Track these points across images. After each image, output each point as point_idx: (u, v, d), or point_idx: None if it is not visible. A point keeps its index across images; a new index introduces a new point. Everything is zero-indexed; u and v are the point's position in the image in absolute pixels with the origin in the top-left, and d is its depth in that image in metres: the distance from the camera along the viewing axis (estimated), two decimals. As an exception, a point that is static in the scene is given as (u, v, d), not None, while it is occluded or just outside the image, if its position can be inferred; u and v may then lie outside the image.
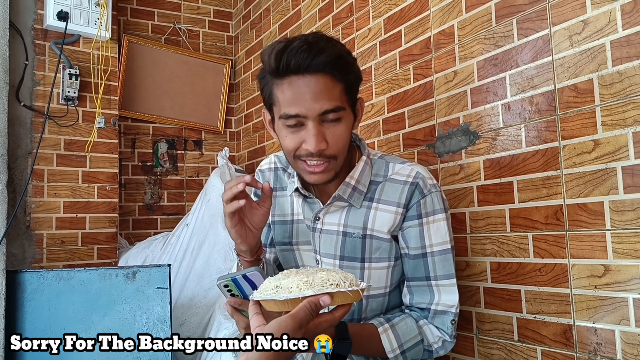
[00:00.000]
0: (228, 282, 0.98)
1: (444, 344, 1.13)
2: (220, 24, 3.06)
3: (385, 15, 1.77)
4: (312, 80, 0.99)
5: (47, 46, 2.33)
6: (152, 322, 1.76)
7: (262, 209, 1.04)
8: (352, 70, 1.07)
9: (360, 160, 1.16)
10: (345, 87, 1.04)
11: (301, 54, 0.98)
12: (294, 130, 1.04)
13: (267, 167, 1.30)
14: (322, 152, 1.03)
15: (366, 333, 1.08)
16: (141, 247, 2.50)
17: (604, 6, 1.11)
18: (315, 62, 0.98)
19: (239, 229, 1.02)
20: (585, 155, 1.14)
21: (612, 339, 1.09)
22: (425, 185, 1.13)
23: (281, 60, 0.99)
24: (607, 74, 1.10)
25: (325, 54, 0.99)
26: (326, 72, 1.00)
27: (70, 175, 2.35)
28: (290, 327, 0.77)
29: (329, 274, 0.84)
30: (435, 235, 1.13)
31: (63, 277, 1.79)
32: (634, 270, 1.05)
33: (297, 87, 1.00)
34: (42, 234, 2.26)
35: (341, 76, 1.03)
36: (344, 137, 1.06)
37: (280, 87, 1.02)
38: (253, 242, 1.06)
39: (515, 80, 1.31)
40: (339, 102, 1.03)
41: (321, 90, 1.00)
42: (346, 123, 1.06)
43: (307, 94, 1.00)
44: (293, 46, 0.99)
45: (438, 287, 1.14)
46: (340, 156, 1.07)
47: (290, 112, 1.01)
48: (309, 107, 1.00)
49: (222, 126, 2.98)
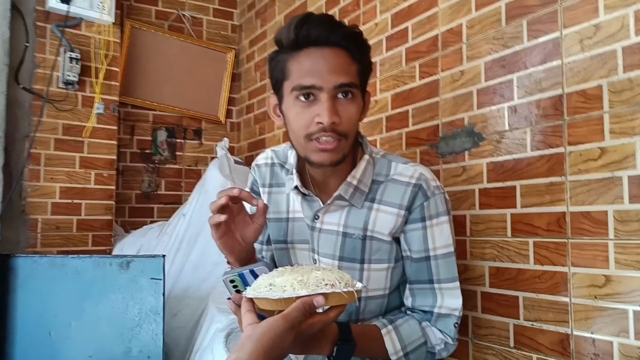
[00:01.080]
0: (235, 277, 0.96)
1: (446, 346, 1.12)
2: (224, 12, 3.02)
3: (393, 11, 1.74)
4: (330, 53, 1.01)
5: (49, 29, 2.30)
6: (144, 312, 1.74)
7: (255, 225, 1.01)
8: (368, 54, 1.09)
9: (362, 159, 1.13)
10: (359, 70, 1.05)
11: (322, 26, 1.01)
12: (306, 105, 1.02)
13: (263, 162, 1.27)
14: (335, 128, 1.01)
15: (369, 334, 1.06)
16: (136, 235, 2.48)
17: (617, 11, 1.09)
18: (334, 35, 1.01)
19: (226, 241, 1.00)
20: (591, 162, 1.12)
21: (610, 350, 1.07)
22: (429, 187, 1.11)
23: (301, 30, 1.00)
24: (617, 81, 1.08)
25: (345, 30, 1.03)
26: (344, 47, 1.02)
27: (68, 160, 2.33)
28: (282, 327, 0.76)
29: (324, 273, 0.82)
30: (439, 239, 1.11)
31: (57, 263, 1.77)
32: (636, 282, 1.03)
33: (314, 58, 1.01)
34: (37, 219, 2.24)
35: (358, 56, 1.05)
36: (354, 117, 1.05)
37: (297, 59, 1.02)
38: (242, 256, 1.03)
39: (523, 82, 1.28)
40: (354, 79, 1.03)
41: (339, 63, 1.01)
42: (357, 104, 1.06)
43: (324, 65, 1.00)
44: (313, 18, 1.02)
45: (441, 290, 1.12)
46: (350, 137, 1.05)
47: (306, 82, 1.01)
48: (325, 79, 1.00)
49: (223, 116, 2.95)
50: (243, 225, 1.02)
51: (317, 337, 0.93)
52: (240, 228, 1.02)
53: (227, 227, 1.00)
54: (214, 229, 0.98)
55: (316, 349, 0.94)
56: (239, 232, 1.02)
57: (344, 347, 0.95)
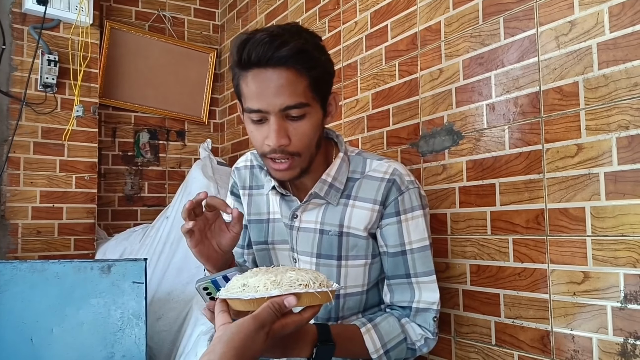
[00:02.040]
0: (208, 285, 0.95)
1: (426, 341, 1.12)
2: (206, 12, 3.00)
3: (372, 9, 1.74)
4: (275, 74, 0.97)
5: (26, 30, 2.27)
6: (126, 317, 1.73)
7: (231, 233, 1.01)
8: (319, 64, 1.02)
9: (337, 157, 1.14)
10: (310, 83, 1.00)
11: (262, 47, 0.95)
12: (258, 125, 1.02)
13: (243, 164, 1.27)
14: (285, 149, 1.00)
15: (349, 334, 1.06)
16: (120, 238, 2.45)
17: (591, 7, 1.09)
18: (276, 55, 0.95)
19: (201, 249, 0.99)
20: (568, 159, 1.12)
21: (589, 346, 1.07)
22: (403, 182, 1.11)
23: (243, 52, 0.97)
24: (592, 77, 1.08)
25: (288, 47, 0.95)
26: (289, 65, 0.97)
27: (48, 164, 2.30)
28: (251, 327, 0.75)
29: (298, 273, 0.82)
30: (414, 232, 1.12)
31: (37, 268, 1.75)
32: (614, 278, 1.03)
33: (259, 80, 0.98)
34: (17, 224, 2.21)
35: (306, 70, 0.99)
36: (308, 134, 1.02)
37: (245, 80, 1.00)
38: (219, 264, 1.02)
39: (500, 80, 1.28)
40: (302, 98, 0.99)
41: (283, 84, 0.97)
42: (312, 119, 1.03)
43: (268, 88, 0.97)
44: (256, 38, 0.97)
45: (419, 284, 1.12)
46: (305, 153, 1.04)
47: (253, 106, 0.99)
48: (270, 102, 0.98)
49: (206, 117, 2.92)
50: (219, 233, 1.01)
51: (295, 338, 0.92)
52: (217, 236, 1.01)
53: (202, 235, 0.99)
54: (187, 237, 0.97)
55: (295, 351, 0.93)
56: (215, 240, 1.01)
57: (324, 348, 0.95)
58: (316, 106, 1.04)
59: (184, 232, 0.96)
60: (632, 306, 1.00)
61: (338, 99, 1.13)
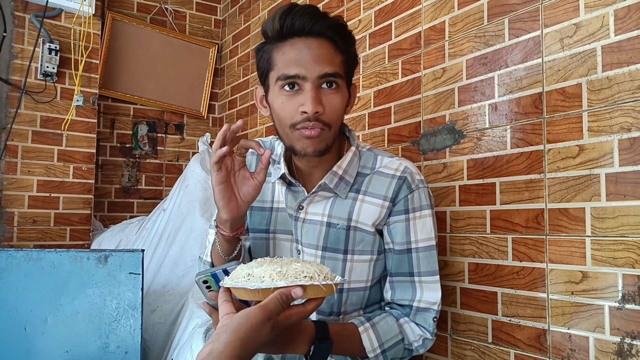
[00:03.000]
0: (207, 278, 0.94)
1: (424, 342, 1.12)
2: (208, 7, 3.00)
3: (377, 7, 1.75)
4: (315, 43, 1.01)
5: (27, 19, 2.26)
6: (122, 307, 1.72)
7: (254, 181, 1.00)
8: (353, 45, 1.09)
9: (349, 150, 1.14)
10: (344, 60, 1.06)
11: (306, 16, 1.00)
12: (290, 94, 1.02)
13: (250, 151, 1.26)
14: (318, 117, 1.01)
15: (347, 332, 1.06)
16: (115, 230, 2.45)
17: (597, 10, 1.10)
18: (319, 24, 1.01)
19: (224, 189, 0.98)
20: (569, 160, 1.13)
21: (586, 346, 1.08)
22: (413, 180, 1.12)
23: (286, 20, 1.00)
24: (596, 79, 1.09)
25: (329, 20, 1.02)
26: (328, 37, 1.02)
27: (46, 153, 2.29)
28: (259, 318, 0.75)
29: (303, 265, 0.82)
30: (421, 231, 1.12)
31: (33, 257, 1.74)
32: (612, 278, 1.04)
33: (298, 48, 1.01)
34: (13, 212, 2.20)
35: (343, 46, 1.05)
36: (338, 107, 1.05)
37: (282, 49, 1.02)
38: (236, 214, 1.00)
39: (503, 80, 1.29)
40: (338, 69, 1.03)
41: (323, 53, 1.01)
42: (342, 95, 1.05)
43: (308, 55, 1.00)
44: (297, 9, 1.01)
45: (421, 283, 1.13)
46: (334, 127, 1.05)
47: (290, 72, 1.01)
48: (310, 68, 1.00)
49: (205, 111, 2.92)
50: (243, 181, 1.01)
51: (294, 336, 0.92)
52: (240, 183, 1.01)
53: (228, 176, 0.99)
54: (214, 169, 0.96)
55: (293, 348, 0.93)
56: (238, 187, 1.01)
57: (321, 345, 0.95)
58: (344, 86, 1.07)
59: (215, 160, 0.95)
60: (629, 306, 1.01)
61: (356, 90, 1.14)
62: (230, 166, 0.99)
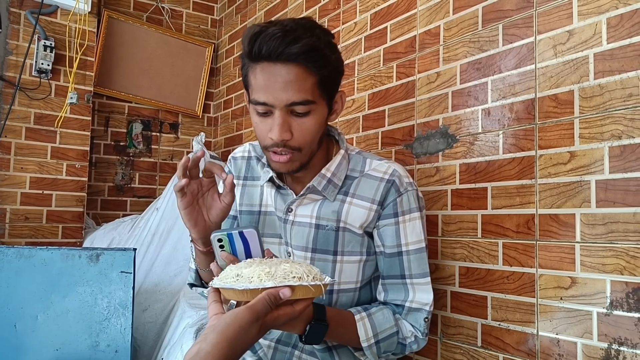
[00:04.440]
0: (222, 237, 0.95)
1: (416, 339, 1.13)
2: (204, 6, 3.00)
3: (372, 11, 1.75)
4: (284, 70, 0.97)
5: (23, 15, 2.25)
6: (113, 306, 1.72)
7: (222, 203, 1.01)
8: (329, 62, 1.03)
9: (337, 153, 1.15)
10: (319, 80, 1.01)
11: (274, 41, 0.95)
12: (263, 118, 1.03)
13: (240, 155, 1.27)
14: (286, 143, 1.02)
15: (343, 318, 1.07)
16: (108, 228, 2.44)
17: (590, 18, 1.11)
18: (287, 51, 0.95)
19: (190, 213, 1.00)
20: (560, 166, 1.14)
21: (574, 351, 1.09)
22: (402, 183, 1.12)
23: (254, 45, 0.97)
24: (588, 87, 1.10)
25: (299, 44, 0.96)
26: (299, 62, 0.97)
27: (39, 150, 2.28)
28: (246, 318, 0.75)
29: (292, 266, 0.82)
30: (411, 234, 1.13)
31: (24, 254, 1.73)
32: (600, 284, 1.05)
33: (267, 74, 0.98)
34: (6, 209, 2.19)
35: (315, 68, 0.99)
36: (311, 130, 1.03)
37: (254, 72, 1.01)
38: (205, 234, 1.02)
39: (497, 86, 1.30)
40: (309, 95, 1.00)
41: (291, 80, 0.97)
42: (316, 116, 1.03)
43: (276, 82, 0.98)
44: (268, 32, 0.97)
45: (413, 285, 1.13)
46: (306, 149, 1.05)
47: (259, 99, 1.00)
48: (277, 97, 0.99)
49: (200, 110, 2.92)
50: (211, 202, 1.02)
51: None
52: (208, 204, 1.02)
53: (194, 199, 1.00)
54: (178, 196, 0.98)
55: (290, 326, 0.96)
56: (206, 208, 1.02)
57: (317, 326, 0.97)
58: (322, 103, 1.05)
59: (177, 190, 0.97)
60: (617, 312, 1.02)
61: (345, 97, 1.14)
62: (196, 189, 1.00)
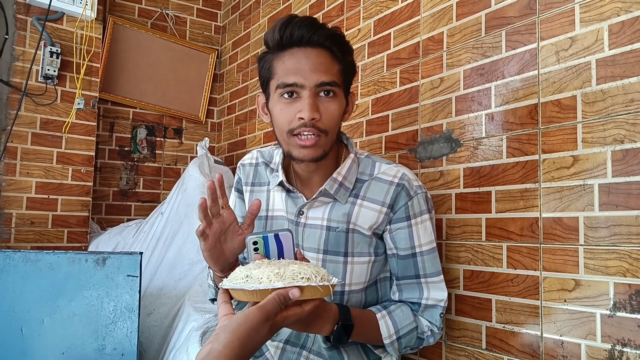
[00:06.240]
0: (258, 239, 0.95)
1: (432, 333, 1.17)
2: (208, 13, 3.02)
3: (376, 17, 1.77)
4: (313, 53, 1.06)
5: (29, 21, 2.28)
6: (119, 310, 1.73)
7: (243, 235, 1.02)
8: (351, 54, 1.13)
9: (347, 157, 1.17)
10: (342, 69, 1.09)
11: (304, 27, 1.05)
12: (289, 102, 1.06)
13: (248, 161, 1.30)
14: (315, 124, 1.05)
15: (366, 318, 1.10)
16: (113, 232, 2.45)
17: (592, 25, 1.13)
18: (317, 35, 1.05)
19: (212, 253, 1.01)
20: (564, 170, 1.16)
21: (578, 352, 1.10)
22: (411, 187, 1.15)
23: (285, 31, 1.05)
24: (590, 92, 1.12)
25: (327, 30, 1.07)
26: (326, 47, 1.06)
27: (45, 155, 2.30)
28: (257, 318, 0.77)
29: (300, 266, 0.84)
30: (423, 236, 1.16)
31: (30, 258, 1.75)
32: (604, 287, 1.06)
33: (297, 57, 1.06)
34: (11, 213, 2.21)
35: (340, 55, 1.09)
36: (335, 115, 1.08)
37: (281, 59, 1.07)
38: (224, 265, 1.04)
39: (500, 91, 1.32)
40: (336, 77, 1.07)
41: (321, 62, 1.05)
42: (339, 103, 1.09)
43: (306, 64, 1.05)
44: (297, 20, 1.06)
45: (427, 283, 1.17)
46: (331, 133, 1.09)
47: (289, 80, 1.05)
48: (307, 77, 1.04)
49: (204, 116, 2.94)
50: (233, 236, 1.03)
51: (319, 315, 0.96)
52: (230, 238, 1.03)
53: (216, 239, 1.00)
54: (201, 240, 0.99)
55: (318, 328, 0.98)
56: (228, 244, 1.03)
57: (344, 327, 0.99)
58: (341, 94, 1.10)
59: (198, 235, 0.98)
60: (620, 314, 1.03)
61: (355, 99, 1.18)
62: (218, 229, 1.00)
